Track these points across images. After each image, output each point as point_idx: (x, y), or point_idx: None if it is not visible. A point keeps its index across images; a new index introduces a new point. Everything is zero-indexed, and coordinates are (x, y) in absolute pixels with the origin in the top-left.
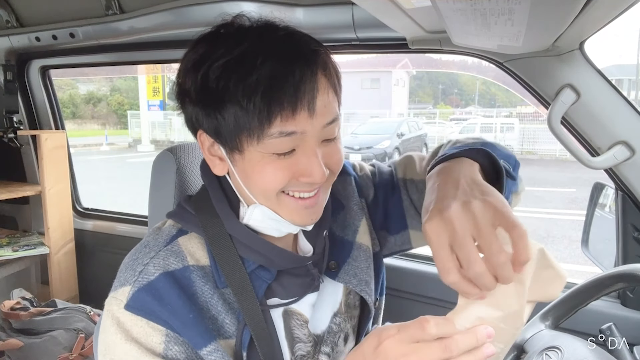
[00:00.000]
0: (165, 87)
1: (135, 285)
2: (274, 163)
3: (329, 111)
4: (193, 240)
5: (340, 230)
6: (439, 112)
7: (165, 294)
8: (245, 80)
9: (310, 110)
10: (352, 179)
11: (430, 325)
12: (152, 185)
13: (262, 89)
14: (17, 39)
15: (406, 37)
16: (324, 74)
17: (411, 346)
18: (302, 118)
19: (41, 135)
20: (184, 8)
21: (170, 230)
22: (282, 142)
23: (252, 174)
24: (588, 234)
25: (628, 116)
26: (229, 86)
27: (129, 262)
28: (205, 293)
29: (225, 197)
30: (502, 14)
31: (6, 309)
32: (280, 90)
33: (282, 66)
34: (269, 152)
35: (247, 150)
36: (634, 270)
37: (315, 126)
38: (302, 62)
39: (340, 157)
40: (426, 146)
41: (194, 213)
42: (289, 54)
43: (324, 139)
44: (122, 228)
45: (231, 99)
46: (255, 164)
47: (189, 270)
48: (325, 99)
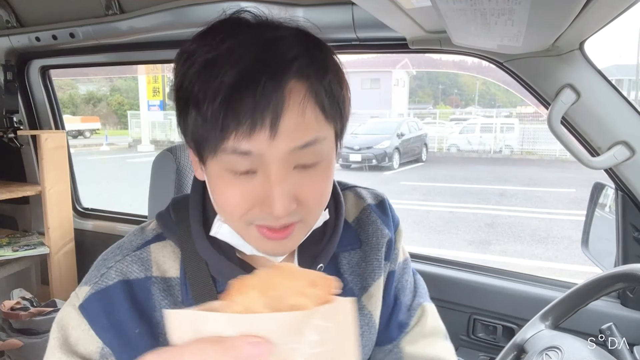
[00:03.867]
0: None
1: (93, 287)
2: (232, 183)
3: (302, 133)
4: (166, 249)
5: (349, 274)
6: (439, 112)
7: (116, 303)
8: (209, 85)
9: (272, 130)
10: (385, 232)
11: (185, 352)
12: (152, 185)
13: (221, 97)
14: (17, 39)
15: (406, 37)
16: (304, 82)
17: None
18: (261, 139)
19: (41, 135)
20: (184, 8)
21: (148, 234)
22: (237, 160)
23: (213, 189)
24: (588, 234)
25: (628, 116)
26: (194, 88)
27: (99, 260)
28: (162, 308)
29: (204, 213)
30: (502, 14)
31: (6, 309)
32: (238, 101)
33: (249, 72)
34: (225, 168)
35: (208, 162)
36: (634, 270)
37: (279, 149)
38: (271, 70)
39: (319, 190)
40: (426, 146)
41: (175, 221)
42: (262, 58)
43: (297, 164)
44: (122, 228)
45: (194, 102)
46: (215, 179)
47: (149, 282)
48: (298, 117)
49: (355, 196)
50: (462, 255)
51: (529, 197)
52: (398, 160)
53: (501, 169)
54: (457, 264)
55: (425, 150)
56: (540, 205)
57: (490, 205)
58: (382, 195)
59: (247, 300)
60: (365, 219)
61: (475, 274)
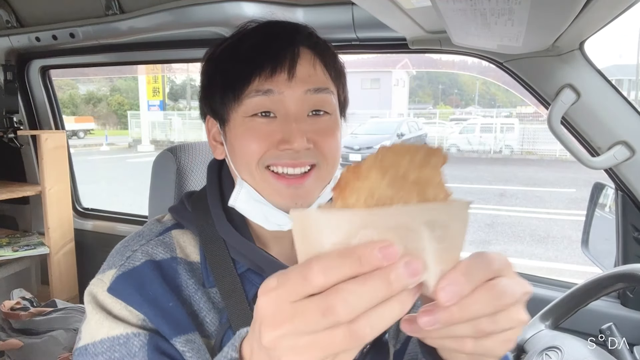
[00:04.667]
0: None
1: (120, 269)
2: (254, 128)
3: (314, 79)
4: (187, 235)
5: None
6: (439, 112)
7: (147, 281)
8: (232, 53)
9: (290, 74)
10: None
11: (314, 272)
12: (152, 185)
13: (245, 55)
14: (17, 39)
15: (406, 37)
16: (311, 49)
17: (286, 311)
18: (281, 80)
19: (41, 135)
20: (184, 8)
21: (167, 223)
22: (260, 100)
23: (235, 144)
24: (588, 234)
25: (628, 116)
26: (220, 62)
27: (120, 247)
28: (189, 287)
29: (222, 196)
30: (502, 14)
31: (6, 309)
32: (260, 54)
33: (266, 38)
34: (248, 114)
35: (232, 118)
36: (634, 270)
37: (295, 90)
38: (283, 36)
39: (331, 138)
40: None
41: (190, 210)
42: (273, 30)
43: (312, 109)
44: (122, 228)
45: (220, 71)
46: (238, 130)
47: (175, 262)
48: (310, 69)
49: None
50: (462, 255)
51: (528, 197)
52: None
53: (501, 169)
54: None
55: None
56: (540, 205)
57: (490, 205)
58: None
59: (369, 184)
60: None
61: None
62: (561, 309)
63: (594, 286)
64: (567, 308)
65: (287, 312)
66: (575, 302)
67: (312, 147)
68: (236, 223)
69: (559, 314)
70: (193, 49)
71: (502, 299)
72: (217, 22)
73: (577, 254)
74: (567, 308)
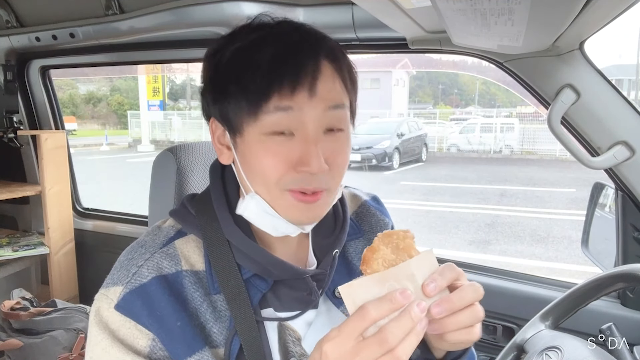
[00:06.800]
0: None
1: (127, 286)
2: (270, 146)
3: (332, 96)
4: (190, 243)
5: (357, 260)
6: (439, 112)
7: (156, 299)
8: (250, 62)
9: (311, 91)
10: (386, 221)
11: (369, 311)
12: (152, 185)
13: (264, 68)
14: (17, 39)
15: (406, 37)
16: (331, 63)
17: (351, 348)
18: (301, 97)
19: (41, 135)
20: (184, 8)
21: (169, 231)
22: (279, 118)
23: (250, 158)
24: (588, 234)
25: (628, 116)
26: (234, 68)
27: (124, 260)
28: (195, 300)
29: (226, 199)
30: (502, 14)
31: (6, 309)
32: (281, 69)
33: (286, 49)
34: (265, 131)
35: (246, 132)
36: (634, 270)
37: (316, 108)
38: (306, 47)
39: (343, 156)
40: (426, 146)
41: (194, 214)
42: (294, 40)
43: (327, 127)
44: (122, 228)
45: (236, 79)
46: (253, 146)
47: (181, 276)
48: (329, 84)
49: (350, 194)
50: (462, 255)
51: (529, 197)
52: (398, 160)
53: (501, 169)
54: (457, 264)
55: (425, 150)
56: (540, 205)
57: (490, 205)
58: (374, 193)
59: (381, 254)
60: (365, 212)
61: (475, 273)
62: (561, 309)
63: (594, 286)
64: (567, 308)
65: (353, 349)
66: (575, 302)
67: (327, 169)
68: (241, 227)
69: (559, 314)
70: (193, 49)
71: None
72: (217, 22)
73: (577, 254)
74: (567, 308)
